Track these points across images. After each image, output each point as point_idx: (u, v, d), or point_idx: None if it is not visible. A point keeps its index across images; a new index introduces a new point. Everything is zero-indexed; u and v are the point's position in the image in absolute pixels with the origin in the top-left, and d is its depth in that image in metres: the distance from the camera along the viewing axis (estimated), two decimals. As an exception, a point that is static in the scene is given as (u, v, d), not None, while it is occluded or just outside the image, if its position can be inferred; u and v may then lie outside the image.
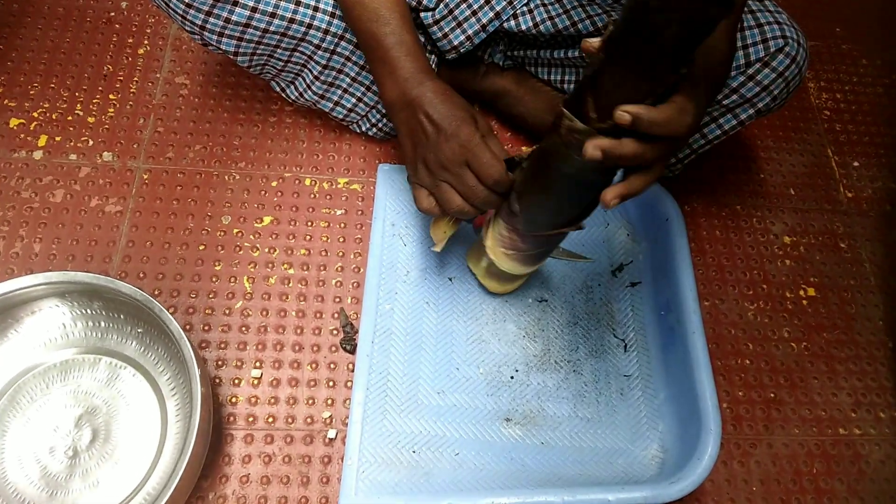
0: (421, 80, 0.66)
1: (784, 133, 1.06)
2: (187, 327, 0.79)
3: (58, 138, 0.90)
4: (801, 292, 0.92)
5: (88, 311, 0.73)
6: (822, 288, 0.92)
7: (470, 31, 0.81)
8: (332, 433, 0.75)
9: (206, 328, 0.80)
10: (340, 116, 0.90)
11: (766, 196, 0.99)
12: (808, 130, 1.07)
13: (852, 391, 0.85)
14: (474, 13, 0.80)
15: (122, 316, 0.73)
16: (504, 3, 0.81)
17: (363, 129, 0.91)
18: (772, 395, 0.83)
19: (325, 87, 0.85)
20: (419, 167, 0.66)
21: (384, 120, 0.89)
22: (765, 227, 0.96)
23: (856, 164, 1.04)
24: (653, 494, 0.65)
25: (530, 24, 0.81)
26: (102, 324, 0.74)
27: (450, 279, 0.83)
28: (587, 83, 0.48)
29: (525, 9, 0.81)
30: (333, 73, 0.83)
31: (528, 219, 0.63)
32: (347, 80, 0.84)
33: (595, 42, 0.47)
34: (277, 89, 0.89)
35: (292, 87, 0.87)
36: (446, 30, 0.81)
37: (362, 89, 0.85)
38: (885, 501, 0.79)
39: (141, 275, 0.82)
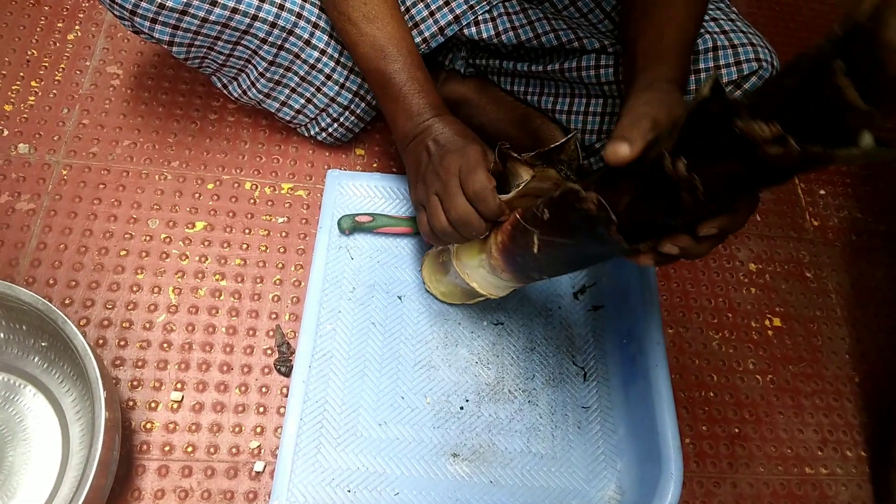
0: (433, 114, 0.65)
1: (751, 158, 1.03)
2: (100, 342, 0.71)
3: (-33, 126, 0.81)
4: (767, 322, 0.88)
5: (-15, 320, 0.64)
6: (788, 318, 0.89)
7: (427, 34, 0.76)
8: (259, 465, 0.68)
9: (122, 343, 0.71)
10: (287, 118, 0.83)
11: (732, 221, 0.95)
12: (775, 156, 1.04)
13: (819, 428, 0.81)
14: (432, 14, 0.75)
15: (23, 327, 0.65)
16: (465, 6, 0.76)
17: (312, 132, 0.85)
18: (736, 430, 0.79)
19: (270, 85, 0.78)
20: (418, 185, 0.64)
21: (335, 125, 0.83)
22: (730, 252, 0.93)
23: (822, 192, 1.02)
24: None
25: (492, 32, 0.77)
26: (1, 335, 0.66)
27: (399, 297, 0.76)
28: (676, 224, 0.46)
29: (487, 16, 0.76)
30: (280, 70, 0.76)
31: (549, 277, 0.63)
32: (296, 79, 0.77)
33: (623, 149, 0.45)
34: (219, 85, 0.81)
35: (235, 83, 0.80)
36: (403, 29, 0.75)
37: (311, 90, 0.79)
38: (851, 546, 0.75)
39: (51, 281, 0.73)
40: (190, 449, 0.68)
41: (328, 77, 0.77)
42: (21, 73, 0.86)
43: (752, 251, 0.93)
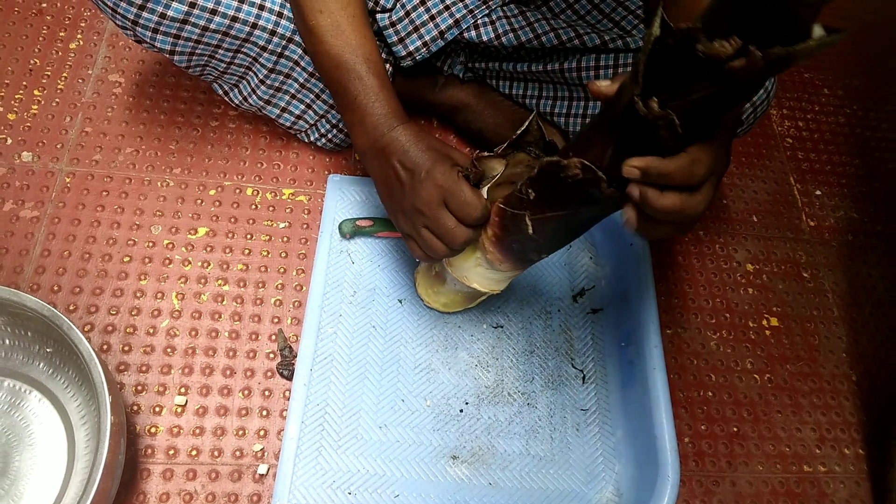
0: (391, 126, 0.62)
1: (747, 159, 1.04)
2: (104, 347, 0.72)
3: (-29, 135, 0.82)
4: (764, 322, 0.89)
5: (-9, 327, 0.65)
6: (785, 318, 0.89)
7: (427, 38, 0.77)
8: (263, 468, 0.68)
9: (126, 349, 0.72)
10: (288, 124, 0.84)
11: (729, 222, 0.96)
12: (771, 157, 1.05)
13: (816, 426, 0.82)
14: (432, 18, 0.76)
15: (28, 333, 0.66)
16: (464, 10, 0.76)
17: (312, 138, 0.86)
18: (735, 429, 0.80)
19: (271, 91, 0.79)
20: (399, 216, 0.62)
21: (334, 131, 0.84)
22: (728, 253, 0.93)
23: (818, 192, 1.03)
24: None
25: (492, 35, 0.77)
26: (7, 341, 0.67)
27: (400, 301, 0.77)
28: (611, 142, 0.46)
29: (486, 19, 0.77)
30: (280, 77, 0.77)
31: (549, 253, 0.61)
32: (296, 85, 0.78)
33: (603, 84, 0.45)
34: (220, 92, 0.82)
35: (236, 90, 0.81)
36: (402, 34, 0.76)
37: (311, 96, 0.80)
38: (849, 544, 0.76)
39: (55, 288, 0.74)
40: (194, 452, 0.68)
41: (327, 84, 0.78)
42: (24, 82, 0.87)
43: (749, 252, 0.94)
